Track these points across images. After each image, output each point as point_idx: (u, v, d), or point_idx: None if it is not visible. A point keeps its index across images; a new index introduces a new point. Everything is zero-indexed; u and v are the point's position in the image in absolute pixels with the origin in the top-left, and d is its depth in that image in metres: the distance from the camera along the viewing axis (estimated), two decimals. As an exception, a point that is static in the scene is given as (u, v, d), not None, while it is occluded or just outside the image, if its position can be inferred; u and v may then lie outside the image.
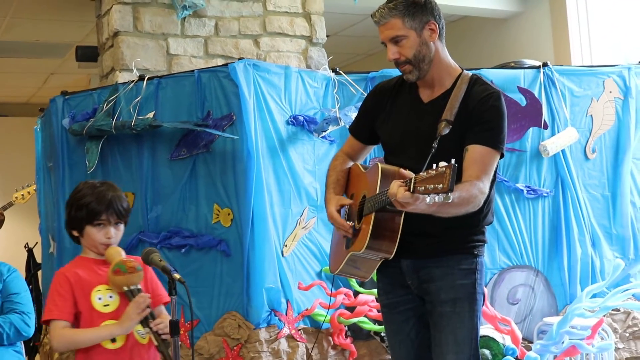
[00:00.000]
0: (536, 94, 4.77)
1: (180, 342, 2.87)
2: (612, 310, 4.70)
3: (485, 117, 2.89)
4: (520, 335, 4.42)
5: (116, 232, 2.99)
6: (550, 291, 4.74)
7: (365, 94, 4.51)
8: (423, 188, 2.46)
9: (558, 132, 4.77)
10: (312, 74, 4.56)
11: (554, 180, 4.79)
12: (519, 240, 4.71)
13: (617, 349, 4.70)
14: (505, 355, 4.26)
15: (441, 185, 2.41)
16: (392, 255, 2.90)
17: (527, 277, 4.71)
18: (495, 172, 2.98)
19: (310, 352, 4.29)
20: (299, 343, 4.28)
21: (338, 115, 4.38)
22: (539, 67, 4.84)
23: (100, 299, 2.92)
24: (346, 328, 4.37)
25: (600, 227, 4.87)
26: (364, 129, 3.21)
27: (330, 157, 4.46)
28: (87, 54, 6.18)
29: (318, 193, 4.42)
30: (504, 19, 7.59)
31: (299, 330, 4.29)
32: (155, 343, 2.83)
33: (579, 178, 4.82)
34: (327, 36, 6.06)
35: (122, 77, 5.25)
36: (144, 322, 2.86)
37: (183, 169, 4.36)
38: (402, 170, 2.70)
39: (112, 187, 3.04)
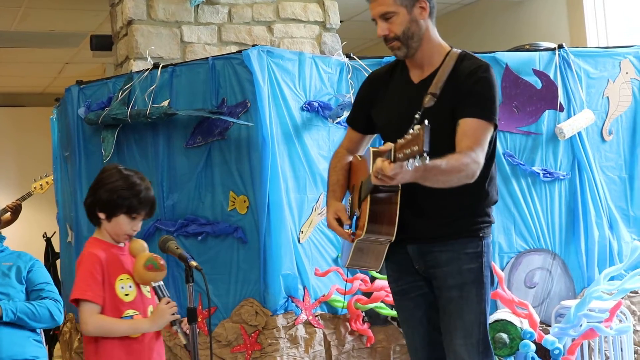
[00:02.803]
0: (552, 76, 4.73)
1: (198, 330, 2.88)
2: (630, 292, 4.67)
3: (476, 90, 2.87)
4: (537, 319, 4.41)
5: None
6: (568, 274, 4.72)
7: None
8: (402, 155, 2.43)
9: (574, 114, 4.73)
10: (326, 60, 4.55)
11: (571, 162, 4.76)
12: (536, 224, 4.69)
13: (635, 331, 4.68)
14: (523, 339, 4.25)
15: (416, 147, 2.38)
16: (394, 237, 2.89)
17: (544, 260, 4.69)
18: (495, 147, 2.96)
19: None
20: (316, 329, 4.29)
21: (352, 101, 4.37)
22: (554, 49, 4.80)
23: (122, 287, 2.94)
24: (363, 314, 4.38)
25: (617, 209, 4.85)
26: (361, 118, 3.20)
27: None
28: (102, 43, 6.19)
29: (333, 179, 4.41)
30: (519, 1, 7.53)
31: (316, 316, 4.30)
32: (184, 342, 2.88)
33: (596, 160, 4.79)
34: (340, 21, 6.04)
35: (136, 65, 5.26)
36: (174, 321, 2.91)
37: (198, 157, 4.37)
38: (382, 147, 2.64)
39: (146, 181, 3.05)
